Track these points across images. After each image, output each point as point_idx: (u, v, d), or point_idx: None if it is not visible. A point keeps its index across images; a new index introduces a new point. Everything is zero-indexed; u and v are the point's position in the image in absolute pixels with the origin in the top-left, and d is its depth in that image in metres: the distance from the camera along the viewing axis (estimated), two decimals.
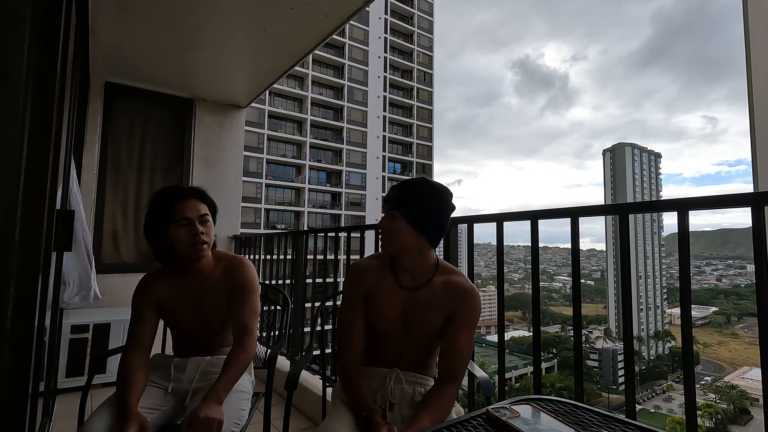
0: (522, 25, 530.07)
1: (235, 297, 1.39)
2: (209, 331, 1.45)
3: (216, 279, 1.41)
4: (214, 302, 1.40)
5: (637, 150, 79.39)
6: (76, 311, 2.87)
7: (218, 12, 2.38)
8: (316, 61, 39.55)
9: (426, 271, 1.20)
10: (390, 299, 1.20)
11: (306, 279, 2.93)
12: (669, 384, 44.81)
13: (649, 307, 65.35)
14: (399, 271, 1.22)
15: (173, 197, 1.34)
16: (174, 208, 1.32)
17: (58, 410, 2.35)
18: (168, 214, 1.31)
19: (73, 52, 1.65)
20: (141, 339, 1.32)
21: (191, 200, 1.35)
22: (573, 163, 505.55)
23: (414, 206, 1.14)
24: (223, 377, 1.23)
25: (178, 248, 1.33)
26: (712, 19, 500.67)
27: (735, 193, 1.35)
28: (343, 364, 1.18)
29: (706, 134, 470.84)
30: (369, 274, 1.24)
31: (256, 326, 1.39)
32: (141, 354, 1.30)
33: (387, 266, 1.24)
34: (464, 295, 1.16)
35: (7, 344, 0.79)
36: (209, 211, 1.40)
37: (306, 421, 2.29)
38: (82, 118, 3.07)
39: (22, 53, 0.77)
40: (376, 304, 1.21)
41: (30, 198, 0.86)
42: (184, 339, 1.48)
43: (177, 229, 1.31)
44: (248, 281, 1.41)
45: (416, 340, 1.20)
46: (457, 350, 1.14)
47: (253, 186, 34.87)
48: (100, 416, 1.17)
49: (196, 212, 1.34)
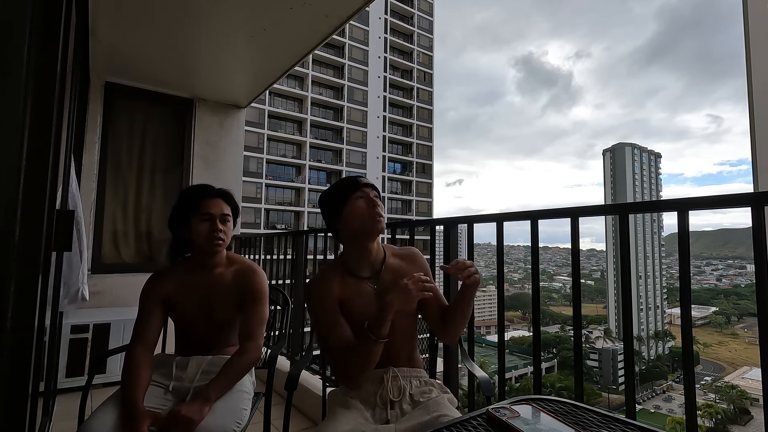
0: (523, 24, 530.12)
1: (245, 304, 1.44)
2: (212, 328, 1.46)
3: (227, 279, 1.46)
4: (221, 301, 1.44)
5: (637, 150, 79.42)
6: (76, 311, 2.87)
7: (218, 12, 2.38)
8: (316, 61, 39.57)
9: (380, 254, 1.28)
10: (361, 297, 1.21)
11: (306, 279, 2.93)
12: (669, 384, 44.82)
13: (649, 307, 65.35)
14: (357, 268, 1.25)
15: (201, 193, 1.44)
16: (200, 203, 1.42)
17: (58, 410, 2.35)
18: (193, 208, 1.42)
19: (73, 52, 1.65)
20: (146, 336, 1.35)
21: (216, 199, 1.45)
22: (574, 163, 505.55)
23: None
24: (219, 378, 1.27)
25: (196, 240, 1.41)
26: (718, 14, 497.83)
27: (735, 193, 1.34)
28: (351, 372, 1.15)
29: (709, 134, 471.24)
30: (332, 282, 1.22)
31: (262, 334, 1.44)
32: (146, 351, 1.33)
33: (342, 269, 1.26)
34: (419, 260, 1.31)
35: (7, 344, 0.79)
36: (231, 213, 1.48)
37: (306, 421, 2.29)
38: (82, 118, 3.07)
39: (22, 53, 0.77)
40: (352, 308, 1.20)
41: (30, 198, 0.86)
42: (186, 336, 1.49)
43: (199, 222, 1.40)
44: (259, 289, 1.47)
45: (400, 327, 1.20)
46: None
47: (253, 186, 34.89)
48: (105, 412, 1.17)
49: (219, 210, 1.43)
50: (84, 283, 2.08)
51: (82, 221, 2.13)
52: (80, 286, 2.05)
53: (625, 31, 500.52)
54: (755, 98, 6.65)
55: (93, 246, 3.25)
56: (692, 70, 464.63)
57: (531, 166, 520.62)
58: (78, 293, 2.03)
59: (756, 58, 6.75)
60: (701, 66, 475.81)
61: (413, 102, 45.83)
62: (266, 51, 2.85)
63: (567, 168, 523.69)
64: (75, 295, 2.02)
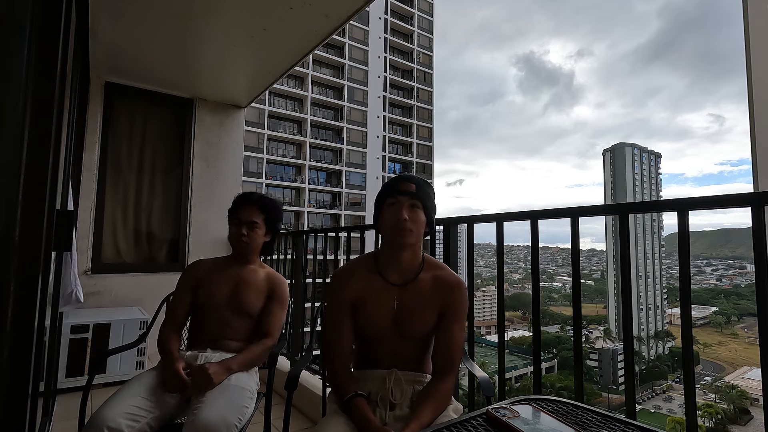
0: (525, 22, 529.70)
1: (269, 303, 1.63)
2: (230, 316, 1.57)
3: (260, 276, 1.67)
4: (250, 290, 1.61)
5: (637, 150, 79.41)
6: (76, 311, 2.87)
7: (218, 12, 2.38)
8: (316, 61, 39.55)
9: (416, 266, 1.22)
10: (380, 300, 1.19)
11: (306, 279, 2.93)
12: (669, 384, 44.82)
13: (649, 307, 65.35)
14: (386, 270, 1.21)
15: (241, 199, 1.67)
16: (236, 207, 1.66)
17: (58, 410, 2.34)
18: (231, 211, 1.67)
19: (73, 52, 1.65)
20: (175, 317, 1.58)
21: (251, 207, 1.65)
22: (575, 163, 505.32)
23: (428, 196, 1.20)
24: (241, 355, 1.47)
25: (229, 239, 1.67)
26: (722, 11, 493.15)
27: (735, 193, 1.35)
28: (332, 374, 1.17)
29: (711, 133, 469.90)
30: (356, 277, 1.22)
31: (277, 335, 1.61)
32: (174, 329, 1.56)
33: (372, 267, 1.23)
34: (452, 289, 1.19)
35: (7, 344, 0.79)
36: (264, 221, 1.66)
37: (306, 421, 2.29)
38: (82, 118, 3.07)
39: (22, 53, 0.77)
40: (366, 308, 1.19)
41: (30, 198, 0.86)
42: (198, 327, 1.59)
43: (231, 224, 1.66)
44: (285, 297, 1.68)
45: (410, 339, 1.19)
46: (450, 343, 1.16)
47: (253, 186, 34.82)
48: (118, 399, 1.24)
49: (247, 217, 1.63)
50: (77, 285, 2.06)
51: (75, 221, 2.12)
52: (74, 288, 2.02)
53: (628, 29, 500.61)
54: (755, 98, 6.65)
55: (93, 246, 3.25)
56: (695, 68, 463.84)
57: (532, 166, 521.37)
58: (72, 294, 2.01)
59: (756, 57, 6.75)
60: (705, 64, 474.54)
61: (413, 102, 45.82)
62: (266, 51, 2.85)
63: (568, 168, 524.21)
64: (69, 296, 2.00)
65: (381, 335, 1.19)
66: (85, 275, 3.18)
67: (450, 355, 1.16)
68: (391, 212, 1.17)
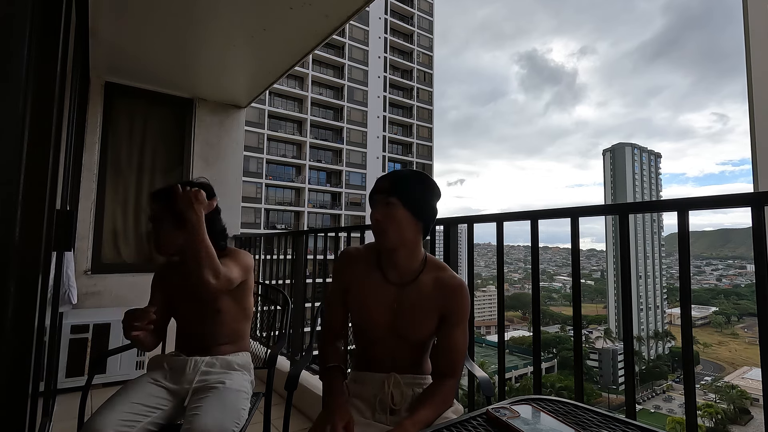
0: (527, 21, 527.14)
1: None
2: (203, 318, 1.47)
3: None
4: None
5: (637, 150, 79.40)
6: (76, 311, 2.87)
7: (218, 12, 2.38)
8: (316, 61, 39.55)
9: (415, 267, 1.17)
10: (378, 298, 1.16)
11: (306, 279, 2.93)
12: (669, 384, 44.82)
13: (649, 307, 65.35)
14: (387, 267, 1.18)
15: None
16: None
17: (58, 410, 2.35)
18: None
19: (73, 52, 1.65)
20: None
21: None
22: (576, 163, 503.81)
23: (409, 190, 1.10)
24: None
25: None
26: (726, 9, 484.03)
27: (735, 193, 1.34)
28: (321, 347, 1.24)
29: (712, 133, 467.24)
30: (357, 262, 1.21)
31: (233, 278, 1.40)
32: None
33: (375, 260, 1.21)
34: (454, 292, 1.14)
35: (7, 344, 0.79)
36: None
37: (306, 421, 2.29)
38: (82, 118, 3.07)
39: (22, 53, 0.77)
40: (360, 297, 1.18)
41: (30, 198, 0.86)
42: (184, 333, 1.53)
43: None
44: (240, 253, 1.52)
45: (409, 341, 1.17)
46: (453, 348, 1.13)
47: (253, 186, 34.86)
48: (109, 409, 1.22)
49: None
50: (71, 285, 2.05)
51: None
52: (67, 288, 2.01)
53: (631, 27, 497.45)
54: (755, 98, 6.65)
55: (93, 246, 3.25)
56: (699, 67, 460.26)
57: (532, 166, 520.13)
58: (65, 295, 2.00)
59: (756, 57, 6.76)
60: (708, 62, 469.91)
61: (413, 102, 45.81)
62: (266, 51, 2.85)
63: (569, 168, 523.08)
64: (63, 297, 2.00)
65: (380, 336, 1.18)
66: (85, 275, 3.18)
67: (453, 360, 1.14)
68: (373, 215, 1.13)
